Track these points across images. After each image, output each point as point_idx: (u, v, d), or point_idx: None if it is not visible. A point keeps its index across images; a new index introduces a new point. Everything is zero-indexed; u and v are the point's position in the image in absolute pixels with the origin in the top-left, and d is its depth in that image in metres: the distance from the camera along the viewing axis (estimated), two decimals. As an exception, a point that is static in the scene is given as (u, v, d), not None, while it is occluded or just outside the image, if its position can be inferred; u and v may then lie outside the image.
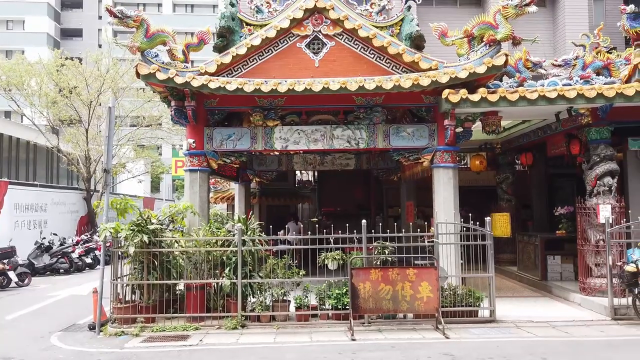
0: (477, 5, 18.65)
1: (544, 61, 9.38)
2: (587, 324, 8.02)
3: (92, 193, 23.05)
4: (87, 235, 18.90)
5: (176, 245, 8.74)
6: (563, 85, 8.80)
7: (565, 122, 9.74)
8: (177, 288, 8.63)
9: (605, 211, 8.87)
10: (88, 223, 22.47)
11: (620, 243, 8.48)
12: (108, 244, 9.47)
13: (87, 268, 16.80)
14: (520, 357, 6.34)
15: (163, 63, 9.08)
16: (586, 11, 17.82)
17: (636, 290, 7.80)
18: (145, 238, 8.04)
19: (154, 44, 9.10)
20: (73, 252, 16.42)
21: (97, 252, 17.15)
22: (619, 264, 8.18)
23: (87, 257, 16.86)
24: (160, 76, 8.82)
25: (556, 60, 9.40)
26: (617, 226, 8.56)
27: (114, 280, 8.37)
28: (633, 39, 8.66)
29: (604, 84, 8.75)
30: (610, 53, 9.67)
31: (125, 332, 7.83)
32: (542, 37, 11.59)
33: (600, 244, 8.89)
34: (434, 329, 7.71)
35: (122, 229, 8.19)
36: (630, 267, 7.73)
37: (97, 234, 11.78)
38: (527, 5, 8.41)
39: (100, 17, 44.88)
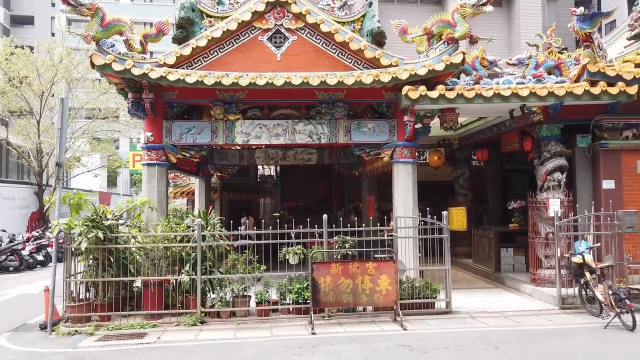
0: (437, 3, 19.03)
1: (500, 60, 9.69)
2: (537, 314, 8.38)
3: (44, 188, 22.14)
4: (38, 232, 18.15)
5: (133, 241, 8.53)
6: (517, 83, 9.12)
7: (519, 119, 10.09)
8: (134, 285, 8.43)
9: (554, 205, 9.27)
10: (40, 219, 21.59)
11: (568, 236, 8.88)
12: (61, 241, 9.13)
13: (38, 266, 16.14)
14: (474, 347, 6.56)
15: (120, 54, 8.81)
16: (540, 12, 18.50)
17: (582, 281, 8.20)
18: (100, 234, 7.80)
19: (109, 34, 8.81)
20: (23, 249, 15.75)
21: (49, 249, 16.50)
22: (567, 255, 8.58)
23: (38, 255, 16.19)
24: (117, 67, 8.55)
25: (511, 59, 9.74)
26: (565, 219, 8.97)
27: (67, 277, 8.09)
28: (582, 40, 9.06)
29: (555, 83, 9.12)
30: (562, 53, 10.09)
31: (79, 331, 7.60)
32: (498, 36, 11.95)
33: (550, 237, 9.30)
34: (393, 321, 7.87)
35: (75, 225, 7.92)
36: (577, 259, 8.12)
37: (49, 230, 11.35)
38: (484, 4, 8.67)
39: (53, 5, 42.92)
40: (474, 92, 8.93)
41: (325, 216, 8.39)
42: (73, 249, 8.09)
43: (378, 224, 9.12)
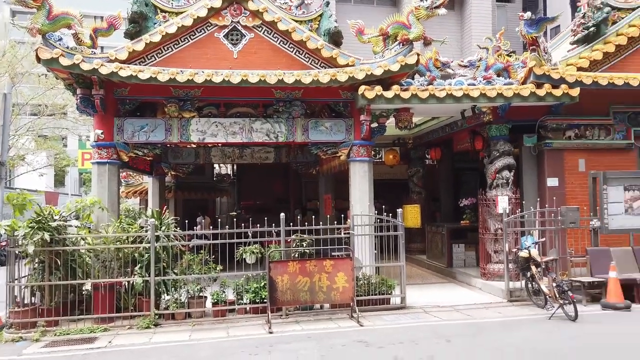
0: (393, 5, 19.37)
1: (452, 61, 9.98)
2: (487, 307, 8.71)
3: (-16, 187, 20.93)
4: (-21, 234, 17.16)
5: (83, 242, 8.22)
6: (468, 85, 9.43)
7: (470, 119, 10.44)
8: (83, 288, 8.13)
9: (503, 202, 9.66)
10: (-20, 220, 20.40)
11: (515, 231, 9.27)
12: (4, 243, 8.67)
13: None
14: (427, 340, 6.74)
15: (68, 48, 8.45)
16: (490, 16, 19.17)
17: (528, 274, 8.58)
18: (47, 236, 7.47)
19: (57, 27, 8.43)
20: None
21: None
22: (514, 250, 8.96)
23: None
24: (65, 62, 8.20)
25: (462, 61, 10.04)
26: (512, 216, 9.35)
27: (10, 282, 7.70)
28: (529, 43, 9.46)
29: (504, 84, 9.50)
30: (510, 56, 10.49)
31: (24, 337, 7.25)
32: (450, 38, 12.32)
33: (499, 233, 9.68)
34: (349, 318, 7.96)
35: (20, 227, 7.55)
36: (524, 253, 8.48)
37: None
38: (437, 7, 8.89)
39: (-6, -6, 40.56)
40: (428, 93, 9.16)
41: (282, 215, 8.38)
42: (17, 252, 7.71)
43: (335, 222, 9.20)
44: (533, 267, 8.34)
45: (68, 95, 19.87)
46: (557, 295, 7.76)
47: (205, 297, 8.22)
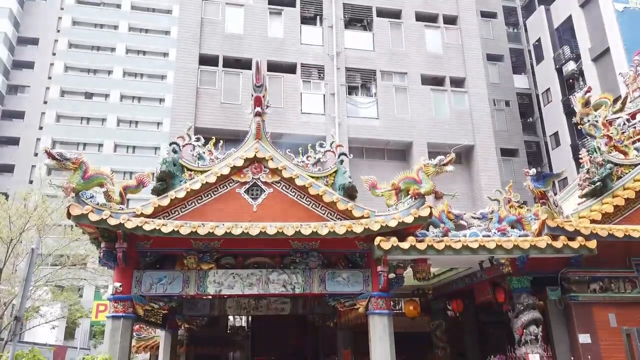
0: (403, 159, 20.65)
1: (465, 214, 10.23)
2: None
3: (-7, 341, 20.41)
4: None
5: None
6: (483, 236, 9.52)
7: (489, 270, 10.30)
8: None
9: (535, 360, 9.02)
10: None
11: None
12: None
13: None
14: None
15: (98, 204, 8.95)
16: (497, 170, 20.13)
17: None
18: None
19: (90, 186, 9.04)
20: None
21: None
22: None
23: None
24: (93, 217, 8.63)
25: (475, 214, 10.28)
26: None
27: None
28: (538, 197, 9.76)
29: (519, 236, 9.56)
30: (522, 207, 10.74)
31: None
32: (461, 190, 12.82)
33: (536, 395, 8.85)
34: None
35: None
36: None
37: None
38: (445, 165, 9.43)
39: (36, 154, 44.41)
40: (444, 244, 9.23)
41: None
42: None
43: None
44: None
45: (90, 246, 20.46)
46: None
47: None
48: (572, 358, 9.13)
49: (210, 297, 12.90)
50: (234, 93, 22.49)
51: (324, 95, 23.51)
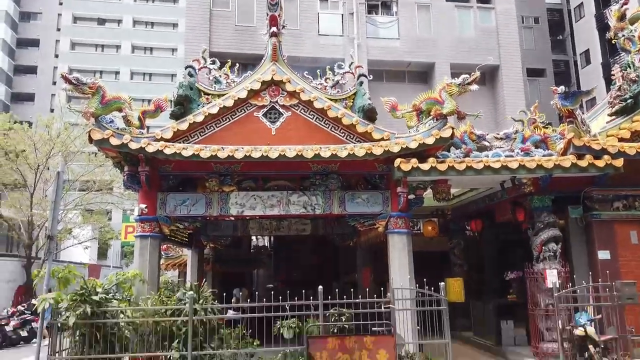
0: (424, 82, 20.02)
1: (487, 134, 10.02)
2: (542, 391, 8.03)
3: (32, 261, 21.67)
4: (24, 306, 17.53)
5: (122, 315, 8.26)
6: (506, 156, 9.37)
7: (510, 190, 10.26)
8: (121, 363, 8.06)
9: (552, 276, 9.20)
10: (26, 293, 20.92)
11: (568, 307, 8.72)
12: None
13: (22, 342, 15.44)
14: None
15: (118, 129, 9.02)
16: (522, 90, 19.42)
17: (586, 354, 7.95)
18: (89, 309, 7.57)
19: (109, 110, 9.07)
20: (7, 324, 15.14)
21: (34, 325, 15.86)
22: (568, 327, 8.38)
23: (22, 330, 15.55)
24: (114, 142, 8.73)
25: (498, 134, 10.07)
26: (564, 291, 8.84)
27: (51, 355, 7.73)
28: (565, 116, 9.45)
29: (543, 156, 9.38)
30: (547, 128, 10.46)
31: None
32: (484, 112, 12.46)
33: (550, 308, 9.12)
34: (392, 401, 7.47)
35: (63, 299, 7.70)
36: (579, 331, 7.93)
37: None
38: (469, 84, 9.09)
39: (54, 83, 44.48)
40: (465, 165, 9.14)
41: (320, 288, 8.22)
42: (59, 325, 7.80)
43: (375, 296, 8.93)
44: (591, 347, 7.75)
45: (115, 171, 20.99)
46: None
47: (241, 374, 7.96)
48: (590, 273, 9.26)
49: (232, 218, 13.27)
50: (248, 15, 21.62)
51: (342, 14, 22.47)
